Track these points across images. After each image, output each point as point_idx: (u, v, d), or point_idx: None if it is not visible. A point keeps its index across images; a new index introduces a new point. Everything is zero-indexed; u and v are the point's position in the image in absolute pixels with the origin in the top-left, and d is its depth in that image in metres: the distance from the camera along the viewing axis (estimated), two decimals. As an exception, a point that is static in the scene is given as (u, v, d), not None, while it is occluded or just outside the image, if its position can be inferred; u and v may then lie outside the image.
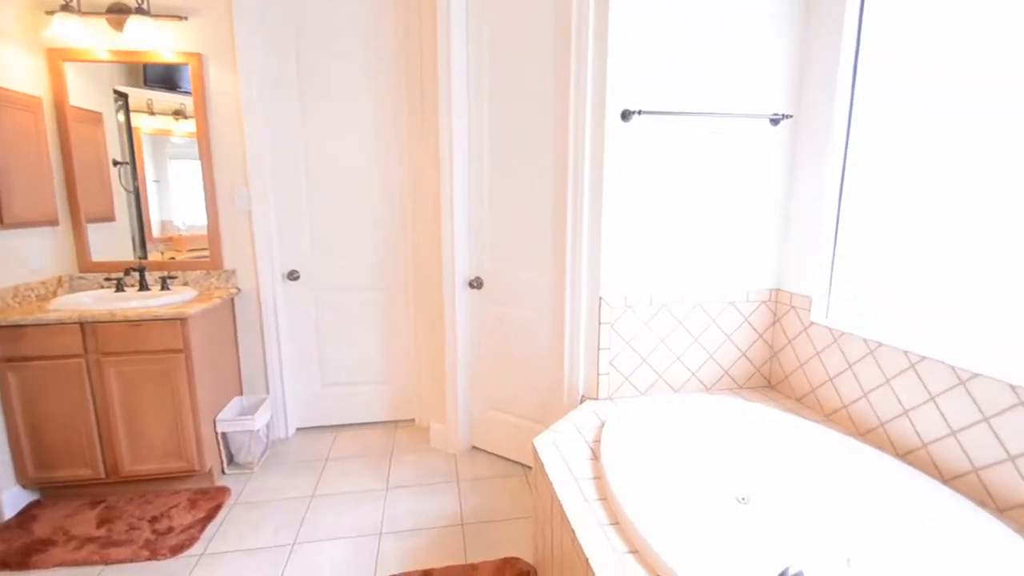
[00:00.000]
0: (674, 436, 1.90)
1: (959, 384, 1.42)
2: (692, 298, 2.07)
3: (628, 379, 2.09)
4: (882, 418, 1.68)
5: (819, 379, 1.94)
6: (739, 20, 1.93)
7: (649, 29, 1.87)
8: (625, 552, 1.19)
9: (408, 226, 2.72)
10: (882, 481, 1.50)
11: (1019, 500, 1.30)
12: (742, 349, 2.16)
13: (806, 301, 1.99)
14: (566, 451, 1.66)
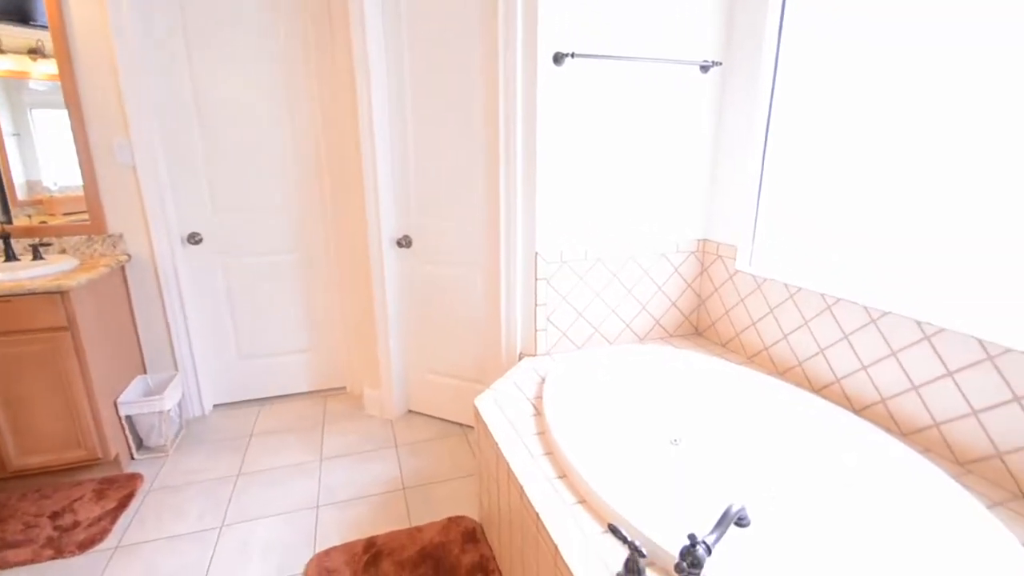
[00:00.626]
0: (611, 387, 1.98)
1: (870, 322, 1.58)
2: (626, 251, 2.12)
3: (565, 334, 2.14)
4: (800, 357, 1.84)
5: (743, 324, 2.08)
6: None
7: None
8: (574, 503, 1.24)
9: (325, 182, 2.55)
10: (801, 415, 1.66)
11: (920, 425, 1.48)
12: (672, 299, 2.26)
13: (732, 250, 2.10)
14: (508, 409, 1.68)
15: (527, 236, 2.01)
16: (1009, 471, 1.28)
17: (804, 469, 1.60)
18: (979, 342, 1.31)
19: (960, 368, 1.36)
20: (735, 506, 0.99)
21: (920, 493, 1.29)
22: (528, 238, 2.01)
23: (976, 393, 1.33)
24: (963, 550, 1.12)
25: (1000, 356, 1.27)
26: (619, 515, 1.13)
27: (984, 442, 1.32)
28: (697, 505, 1.60)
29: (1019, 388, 1.24)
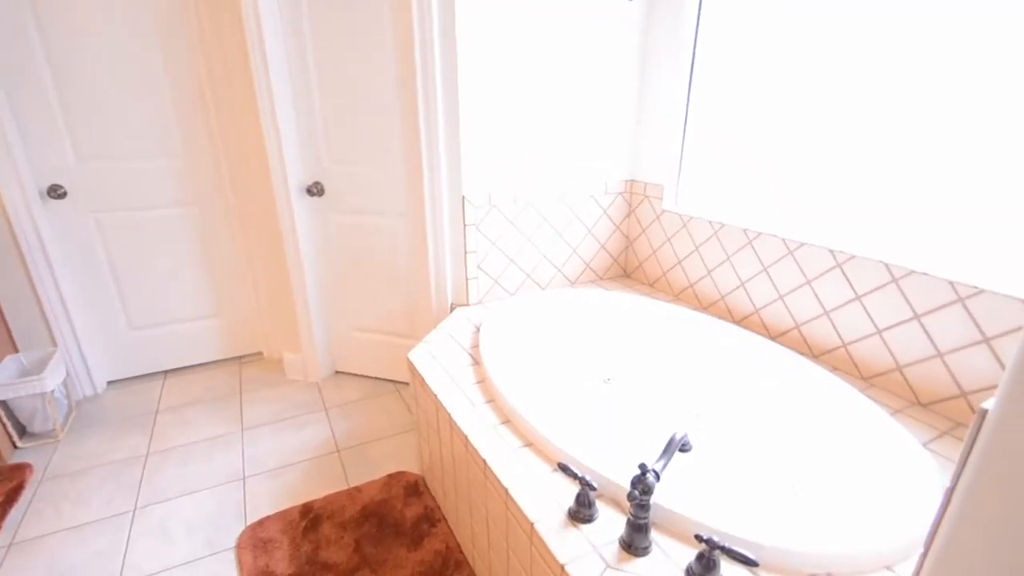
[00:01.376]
0: (545, 331, 2.01)
1: (787, 254, 1.69)
2: (555, 193, 2.11)
3: (497, 281, 2.13)
4: (723, 291, 1.95)
5: (669, 263, 2.16)
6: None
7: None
8: (520, 447, 1.26)
9: (213, 122, 2.30)
10: (723, 345, 1.77)
11: (830, 346, 1.63)
12: (601, 242, 2.30)
13: (659, 190, 2.15)
14: (444, 360, 1.66)
15: (452, 179, 1.94)
16: (907, 382, 1.44)
17: (728, 393, 1.73)
18: (885, 266, 1.44)
19: (867, 292, 1.49)
20: (678, 434, 1.04)
21: (832, 406, 1.44)
22: (454, 181, 1.94)
23: (881, 313, 1.47)
24: (873, 453, 1.26)
25: (904, 278, 1.41)
26: (567, 454, 1.17)
27: (886, 357, 1.48)
28: (633, 437, 1.69)
29: (919, 306, 1.38)
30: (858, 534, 0.99)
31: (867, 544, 0.95)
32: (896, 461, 1.18)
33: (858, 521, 1.07)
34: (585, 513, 1.03)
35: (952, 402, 1.36)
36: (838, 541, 0.95)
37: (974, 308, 1.28)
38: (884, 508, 1.08)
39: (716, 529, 0.97)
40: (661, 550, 0.98)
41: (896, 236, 1.46)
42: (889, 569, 0.94)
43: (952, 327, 1.33)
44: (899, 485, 1.12)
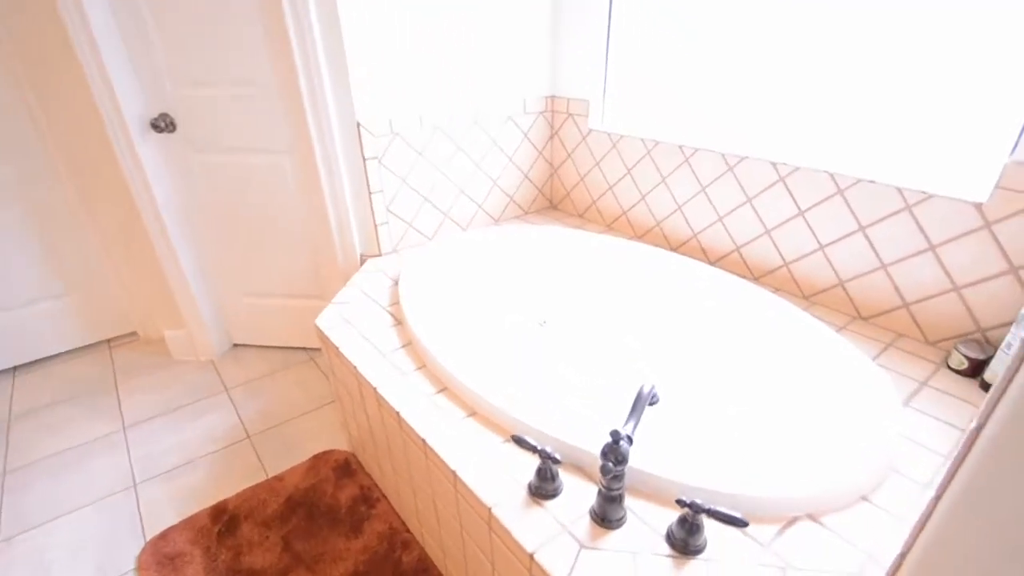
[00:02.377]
0: (473, 277, 1.86)
1: (727, 170, 1.62)
2: (468, 115, 1.89)
3: (411, 225, 1.92)
4: (658, 217, 1.87)
5: (599, 190, 2.05)
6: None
7: None
8: (464, 418, 1.13)
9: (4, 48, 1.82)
10: (660, 274, 1.71)
11: (771, 267, 1.61)
12: (524, 170, 2.14)
13: (583, 106, 1.99)
14: (361, 324, 1.48)
15: (341, 102, 1.66)
16: (849, 297, 1.45)
17: (670, 324, 1.69)
18: (831, 176, 1.40)
19: (811, 206, 1.46)
20: (645, 386, 0.95)
21: (776, 326, 1.42)
22: (343, 105, 1.67)
23: (824, 228, 1.45)
24: (827, 375, 1.26)
25: (850, 188, 1.37)
26: (524, 423, 1.05)
27: (828, 274, 1.48)
28: (578, 382, 1.62)
29: (864, 218, 1.37)
30: (830, 468, 0.97)
31: (842, 477, 0.93)
32: (851, 381, 1.18)
33: (825, 450, 1.06)
34: (548, 488, 0.94)
35: (894, 313, 1.38)
36: (813, 480, 0.93)
37: (921, 215, 1.27)
38: (847, 432, 1.07)
39: (686, 484, 0.91)
40: (636, 516, 0.91)
41: (842, 144, 1.42)
42: (866, 500, 0.93)
43: (898, 237, 1.32)
44: (858, 405, 1.11)
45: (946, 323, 1.30)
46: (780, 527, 0.89)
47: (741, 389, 1.45)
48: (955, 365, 1.23)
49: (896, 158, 1.33)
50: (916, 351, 1.31)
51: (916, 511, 0.91)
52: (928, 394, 1.17)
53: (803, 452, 1.13)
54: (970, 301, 1.25)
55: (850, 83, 1.37)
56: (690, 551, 0.84)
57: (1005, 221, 1.16)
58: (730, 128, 1.63)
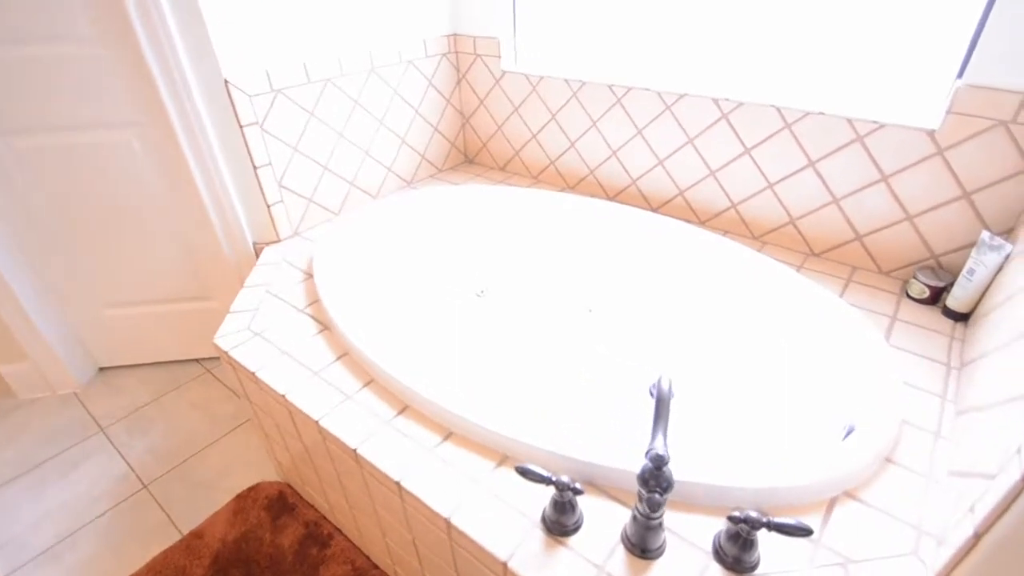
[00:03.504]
0: (398, 252, 1.59)
1: (665, 110, 1.46)
2: (362, 62, 1.56)
3: (312, 200, 1.58)
4: (591, 165, 1.70)
5: (521, 139, 1.83)
6: None
7: None
8: (438, 444, 0.92)
9: None
10: (602, 225, 1.57)
11: (718, 209, 1.51)
12: (433, 123, 1.85)
13: (493, 45, 1.72)
14: (275, 335, 1.18)
15: (197, 53, 1.27)
16: (801, 234, 1.40)
17: (618, 280, 1.56)
18: (777, 111, 1.30)
19: (758, 143, 1.36)
20: (663, 382, 0.80)
21: (731, 270, 1.34)
22: (201, 56, 1.27)
23: (772, 165, 1.36)
24: (791, 310, 1.20)
25: (798, 122, 1.28)
26: (526, 445, 0.86)
27: (779, 212, 1.41)
28: (527, 356, 1.45)
29: (814, 152, 1.29)
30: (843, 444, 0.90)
31: (864, 442, 0.85)
32: (836, 331, 1.12)
33: (836, 416, 0.99)
34: (569, 522, 0.77)
35: (847, 247, 1.34)
36: (836, 452, 0.84)
37: (873, 146, 1.21)
38: (852, 391, 1.01)
39: (709, 485, 0.79)
40: (673, 534, 0.77)
41: (788, 76, 1.31)
42: (890, 461, 0.86)
43: (849, 169, 1.26)
44: (852, 358, 1.05)
45: (899, 252, 1.28)
46: (822, 515, 0.80)
47: (725, 357, 1.36)
48: (915, 294, 1.22)
49: (845, 88, 1.25)
50: (873, 283, 1.29)
51: (936, 464, 0.86)
52: (901, 329, 1.14)
53: (813, 424, 1.05)
54: (923, 229, 1.23)
55: (793, 9, 1.24)
56: (746, 569, 0.72)
57: (957, 147, 1.12)
58: (666, 64, 1.46)
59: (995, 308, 1.00)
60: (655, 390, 0.86)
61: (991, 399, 0.81)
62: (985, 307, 1.08)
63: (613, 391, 1.35)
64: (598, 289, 1.60)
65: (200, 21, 1.22)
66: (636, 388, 1.34)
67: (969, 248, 1.19)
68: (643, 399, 1.29)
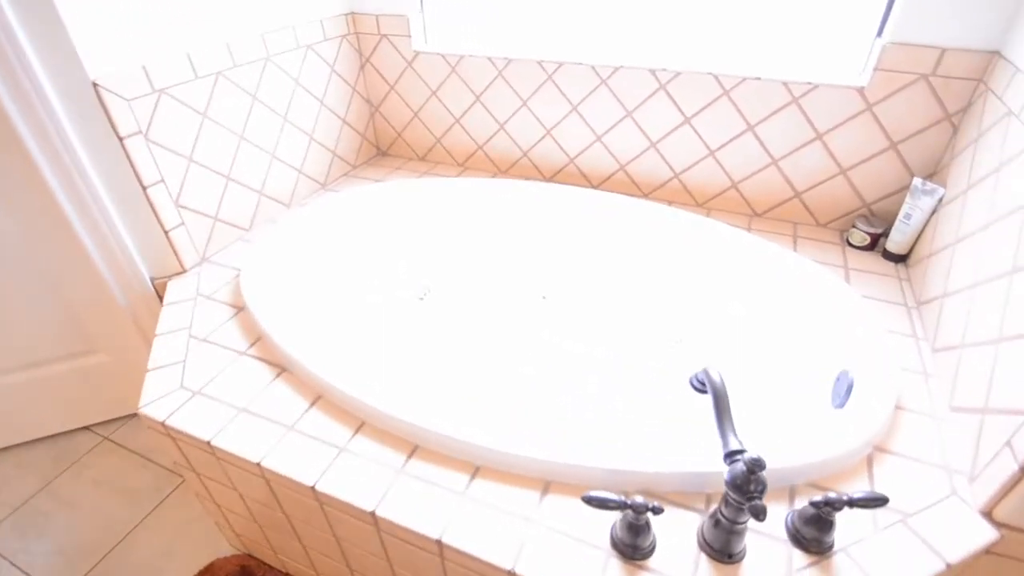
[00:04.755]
0: (336, 264, 1.40)
1: (600, 83, 1.41)
2: (256, 49, 1.31)
3: (218, 218, 1.33)
4: (524, 146, 1.61)
5: (443, 124, 1.68)
6: None
7: None
8: (466, 482, 0.80)
9: None
10: (542, 208, 1.50)
11: (660, 180, 1.50)
12: (341, 115, 1.63)
13: (400, 24, 1.54)
14: (219, 389, 0.96)
15: (52, 50, 0.97)
16: (744, 197, 1.43)
17: (568, 263, 1.51)
18: (715, 78, 1.29)
19: (697, 111, 1.35)
20: (712, 372, 0.75)
21: (684, 239, 1.35)
22: (58, 54, 0.98)
23: (712, 132, 1.37)
24: (755, 272, 1.23)
25: (736, 88, 1.29)
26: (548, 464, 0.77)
27: (721, 178, 1.42)
28: (483, 359, 1.36)
29: (752, 116, 1.31)
30: (863, 389, 0.92)
31: (878, 392, 0.88)
32: (813, 291, 1.16)
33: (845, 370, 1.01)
34: (647, 543, 0.71)
35: (787, 204, 1.40)
36: (857, 408, 0.86)
37: (808, 106, 1.25)
38: (851, 343, 1.04)
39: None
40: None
41: (724, 43, 1.30)
42: (902, 408, 0.90)
43: (786, 131, 1.30)
44: (840, 313, 1.09)
45: (835, 205, 1.35)
46: (866, 475, 0.81)
47: (699, 329, 1.36)
48: (857, 242, 1.30)
49: (780, 52, 1.27)
50: (815, 236, 1.35)
51: (936, 402, 0.91)
52: (855, 277, 1.21)
53: (805, 385, 1.07)
54: (856, 181, 1.30)
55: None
56: (827, 548, 0.71)
57: (884, 101, 1.19)
58: (598, 36, 1.40)
59: (944, 248, 1.08)
60: (699, 383, 0.81)
61: (968, 339, 0.87)
62: (923, 248, 1.17)
63: (578, 379, 1.29)
64: (549, 275, 1.53)
65: (51, 9, 0.92)
66: (601, 374, 1.30)
67: (897, 195, 1.28)
68: (636, 384, 1.25)
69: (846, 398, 0.96)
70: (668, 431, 1.13)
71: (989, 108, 1.03)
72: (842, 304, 1.08)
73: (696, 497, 0.78)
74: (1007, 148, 0.92)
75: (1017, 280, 0.80)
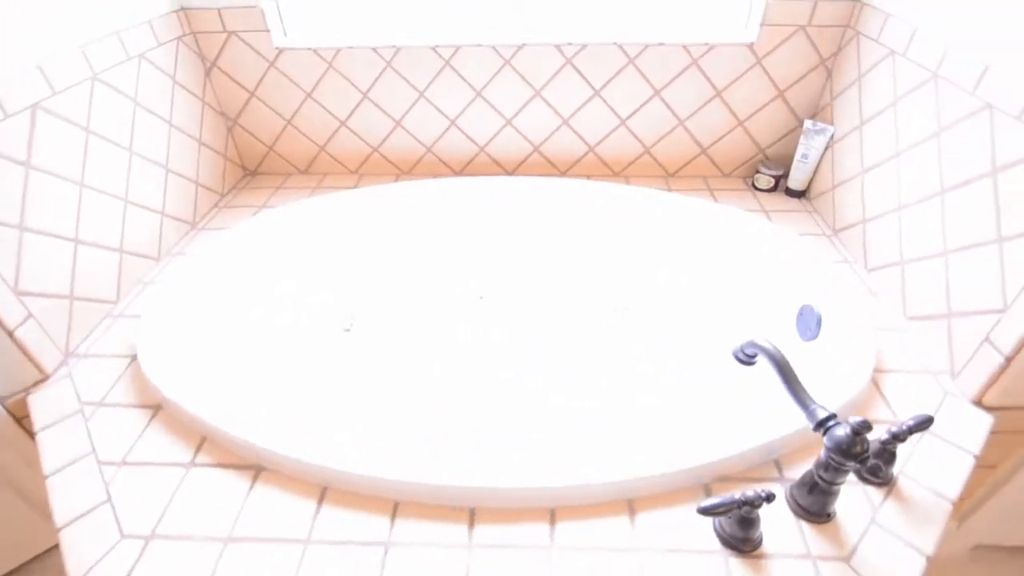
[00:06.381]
0: (247, 314, 1.15)
1: (504, 64, 1.33)
2: (78, 68, 0.99)
3: (75, 296, 1.00)
4: (427, 141, 1.47)
5: (326, 130, 1.46)
6: None
7: None
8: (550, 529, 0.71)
9: None
10: (457, 203, 1.40)
11: (576, 156, 1.47)
12: (195, 135, 1.33)
13: (253, 17, 1.28)
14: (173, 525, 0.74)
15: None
16: (657, 161, 1.47)
17: (497, 257, 1.44)
18: (619, 47, 1.29)
19: (605, 83, 1.34)
20: (761, 342, 0.75)
21: (608, 209, 1.36)
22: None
23: (621, 102, 1.37)
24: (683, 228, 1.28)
25: (640, 56, 1.30)
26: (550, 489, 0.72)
27: (634, 145, 1.44)
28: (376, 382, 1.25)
29: (657, 81, 1.33)
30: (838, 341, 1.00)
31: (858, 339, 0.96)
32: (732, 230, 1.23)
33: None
34: (757, 533, 0.69)
35: (695, 161, 1.47)
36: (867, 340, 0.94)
37: (706, 66, 1.31)
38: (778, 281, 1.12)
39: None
40: (817, 483, 0.76)
41: (624, 11, 1.30)
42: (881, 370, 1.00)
43: (689, 92, 1.35)
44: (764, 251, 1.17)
45: (737, 154, 1.45)
46: (883, 402, 0.88)
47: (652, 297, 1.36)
48: (762, 185, 1.41)
49: (677, 16, 1.30)
50: (725, 186, 1.45)
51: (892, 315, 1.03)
52: (776, 218, 1.32)
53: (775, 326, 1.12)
54: (752, 130, 1.41)
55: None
56: (889, 479, 0.76)
57: (771, 55, 1.29)
58: (499, 14, 1.30)
59: (851, 179, 1.20)
60: (747, 355, 0.81)
61: (908, 255, 0.99)
62: (822, 182, 1.31)
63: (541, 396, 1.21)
64: (482, 272, 1.44)
65: None
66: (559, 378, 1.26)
67: (786, 138, 1.41)
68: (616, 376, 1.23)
69: (817, 330, 1.04)
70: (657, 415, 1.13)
71: (864, 50, 1.17)
72: (783, 243, 1.16)
73: (767, 468, 0.79)
74: (900, 85, 1.05)
75: (949, 198, 0.92)
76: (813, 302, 1.05)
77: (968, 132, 0.86)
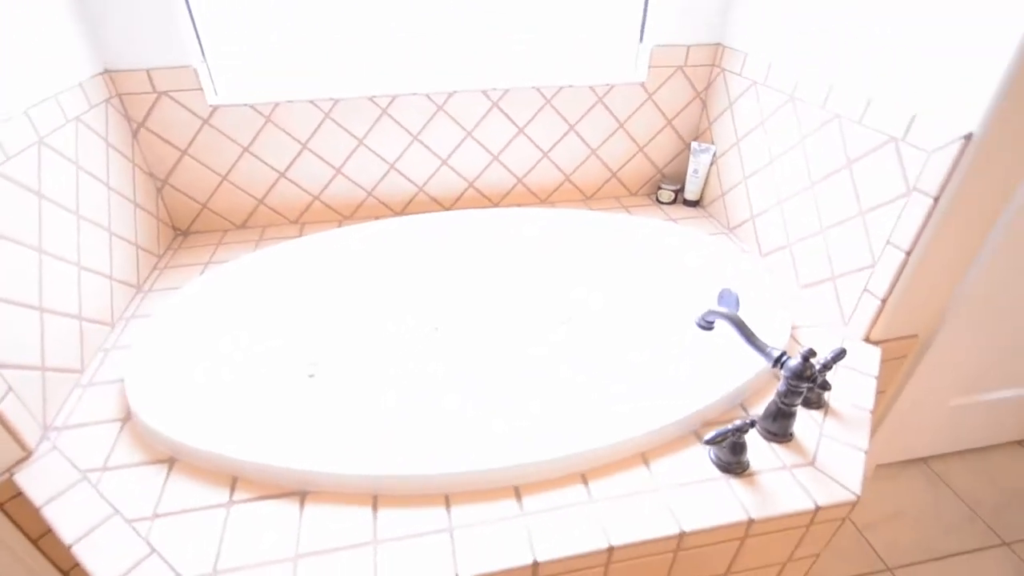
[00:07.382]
0: (230, 364, 1.15)
1: (438, 110, 1.48)
2: (24, 132, 0.97)
3: (47, 367, 0.95)
4: (367, 185, 1.56)
5: (263, 183, 1.49)
6: None
7: None
8: (592, 490, 0.84)
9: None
10: (400, 242, 1.51)
11: (506, 189, 1.65)
12: (131, 197, 1.31)
13: (184, 76, 1.31)
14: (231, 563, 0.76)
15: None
16: (576, 186, 1.70)
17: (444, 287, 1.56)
18: (538, 90, 1.51)
19: (528, 121, 1.55)
20: (717, 308, 0.96)
21: (540, 232, 1.56)
22: None
23: (542, 137, 1.59)
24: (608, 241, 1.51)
25: (556, 96, 1.53)
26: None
27: (555, 174, 1.66)
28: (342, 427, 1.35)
29: (571, 117, 1.57)
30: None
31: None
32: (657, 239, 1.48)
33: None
34: (745, 458, 0.88)
35: (607, 185, 1.72)
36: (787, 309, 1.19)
37: (610, 103, 1.57)
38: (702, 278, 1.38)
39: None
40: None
41: (539, 59, 1.52)
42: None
43: (597, 125, 1.60)
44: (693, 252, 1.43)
45: (639, 175, 1.72)
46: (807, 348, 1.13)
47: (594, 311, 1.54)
48: (665, 199, 1.70)
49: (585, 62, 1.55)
50: (634, 203, 1.71)
51: (789, 287, 1.31)
52: (683, 224, 1.59)
53: None
54: (650, 154, 1.69)
55: None
56: (826, 403, 0.99)
57: (658, 91, 1.59)
58: (428, 65, 1.46)
59: (735, 186, 1.51)
60: (707, 322, 1.01)
61: (794, 238, 1.29)
62: (711, 191, 1.62)
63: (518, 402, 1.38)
64: (434, 305, 1.55)
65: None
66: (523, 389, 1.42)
67: (678, 158, 1.71)
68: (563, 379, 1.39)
69: (736, 307, 1.30)
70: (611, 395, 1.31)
71: (731, 83, 1.49)
72: (698, 242, 1.42)
73: (736, 410, 0.99)
74: (764, 107, 1.37)
75: (818, 188, 1.22)
76: (731, 285, 1.31)
77: (824, 137, 1.17)
